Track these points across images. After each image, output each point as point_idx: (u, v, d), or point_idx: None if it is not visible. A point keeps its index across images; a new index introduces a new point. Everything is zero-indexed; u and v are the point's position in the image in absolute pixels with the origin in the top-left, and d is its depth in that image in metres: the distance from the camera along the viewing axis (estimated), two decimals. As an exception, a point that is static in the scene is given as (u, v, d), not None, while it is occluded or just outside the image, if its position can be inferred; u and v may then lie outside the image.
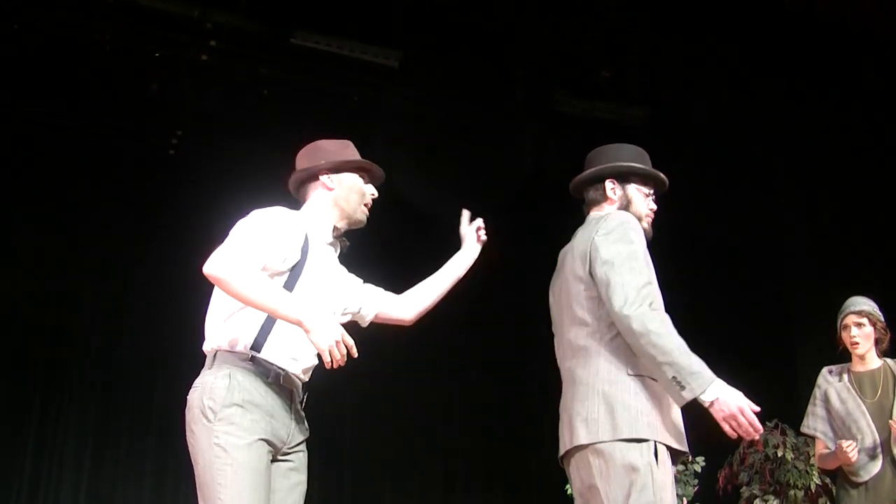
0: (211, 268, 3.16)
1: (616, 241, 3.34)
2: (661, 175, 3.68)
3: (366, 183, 3.64)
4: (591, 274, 3.35)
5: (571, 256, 3.47)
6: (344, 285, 3.66)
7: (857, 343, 5.05)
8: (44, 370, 8.13)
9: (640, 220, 3.52)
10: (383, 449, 9.22)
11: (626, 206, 3.59)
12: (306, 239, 3.41)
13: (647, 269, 3.32)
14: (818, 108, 8.61)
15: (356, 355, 3.11)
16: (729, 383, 3.19)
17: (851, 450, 4.81)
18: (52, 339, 8.25)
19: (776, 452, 7.42)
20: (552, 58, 8.52)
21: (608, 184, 3.62)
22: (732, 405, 3.12)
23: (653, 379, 3.24)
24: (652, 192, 3.68)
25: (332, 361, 3.07)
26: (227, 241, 3.27)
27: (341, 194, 3.57)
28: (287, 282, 3.34)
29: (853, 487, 4.95)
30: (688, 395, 3.10)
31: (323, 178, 3.57)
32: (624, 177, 3.63)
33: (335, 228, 3.57)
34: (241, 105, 8.20)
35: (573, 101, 8.73)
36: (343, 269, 3.70)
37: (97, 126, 8.10)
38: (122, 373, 8.32)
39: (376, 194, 3.66)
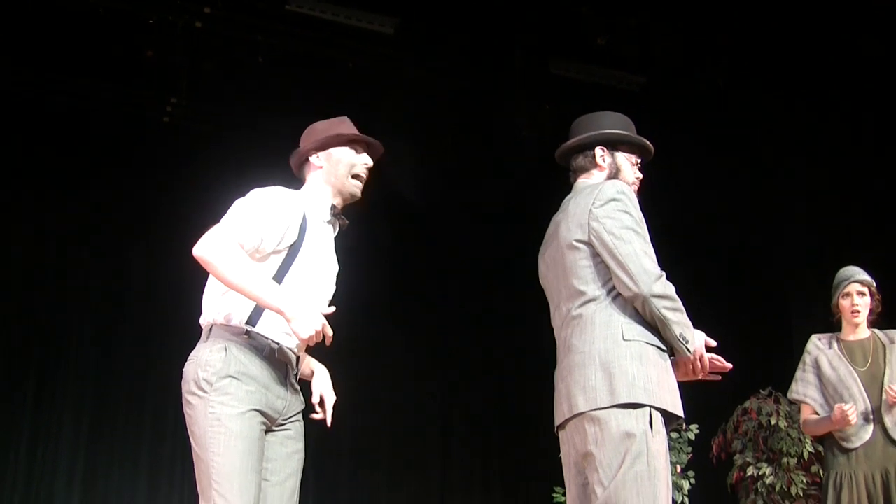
0: (199, 250, 3.21)
1: (617, 210, 3.36)
2: (649, 143, 3.70)
3: (358, 153, 3.63)
4: (589, 243, 3.36)
5: (566, 225, 3.46)
6: (334, 274, 3.67)
7: (858, 311, 5.12)
8: (39, 351, 8.11)
9: None
10: (379, 450, 9.26)
11: (615, 173, 3.61)
12: (304, 218, 3.43)
13: (643, 232, 3.38)
14: (817, 79, 8.58)
15: (329, 344, 3.20)
16: (726, 354, 3.33)
17: (852, 412, 4.85)
18: (45, 312, 8.21)
19: (770, 420, 7.46)
20: (548, 23, 8.48)
21: (598, 151, 3.63)
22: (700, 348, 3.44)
23: (649, 344, 3.28)
24: (639, 160, 3.69)
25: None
26: (221, 221, 3.30)
27: (329, 170, 3.58)
28: (284, 261, 3.37)
29: (843, 453, 5.01)
30: (690, 348, 3.32)
31: (312, 158, 3.60)
32: (613, 144, 3.64)
33: (333, 207, 3.58)
34: (236, 72, 8.16)
35: (569, 66, 8.69)
36: (335, 256, 3.70)
37: (91, 93, 8.05)
38: (119, 348, 8.31)
39: (370, 163, 3.66)
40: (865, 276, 5.15)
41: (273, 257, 3.36)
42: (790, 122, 9.01)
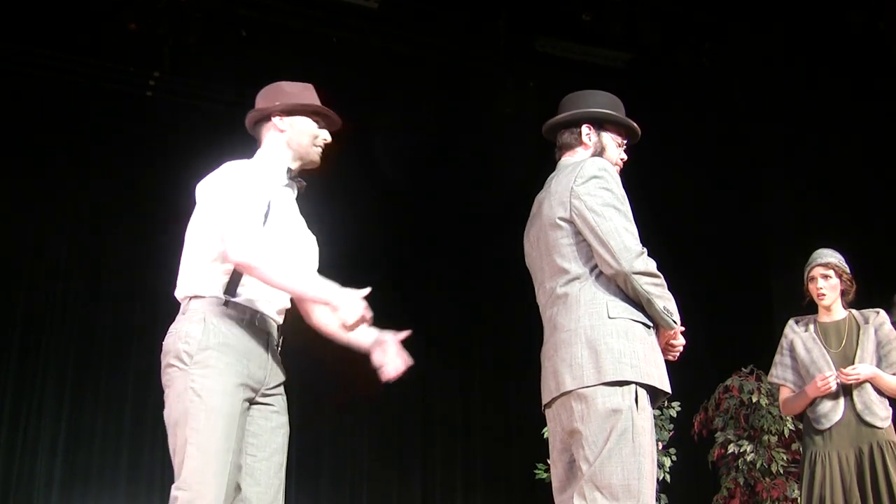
0: (241, 257, 3.20)
1: (598, 187, 3.35)
2: (636, 126, 3.69)
3: (320, 128, 3.61)
4: (571, 221, 3.36)
5: (548, 204, 3.46)
6: (306, 238, 3.66)
7: (823, 294, 5.16)
8: (22, 311, 8.09)
9: None
10: (362, 453, 9.26)
11: (599, 152, 3.59)
12: (268, 185, 3.42)
13: (626, 208, 3.37)
14: (802, 58, 8.59)
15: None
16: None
17: (833, 379, 4.92)
18: (29, 281, 8.20)
19: (751, 398, 7.48)
20: (534, 0, 8.46)
21: (584, 129, 3.61)
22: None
23: (635, 321, 3.29)
24: (625, 142, 3.68)
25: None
26: (229, 217, 3.26)
27: (293, 136, 3.56)
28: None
29: (817, 434, 5.06)
30: (674, 322, 3.34)
31: (275, 119, 3.56)
32: (599, 123, 3.62)
33: (289, 170, 3.56)
34: (220, 46, 8.12)
35: (554, 43, 8.67)
36: (301, 218, 3.68)
37: (74, 65, 8.00)
38: (100, 314, 8.29)
39: (329, 139, 3.64)
40: (830, 259, 5.17)
41: None
42: (774, 102, 9.01)
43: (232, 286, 3.29)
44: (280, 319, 3.47)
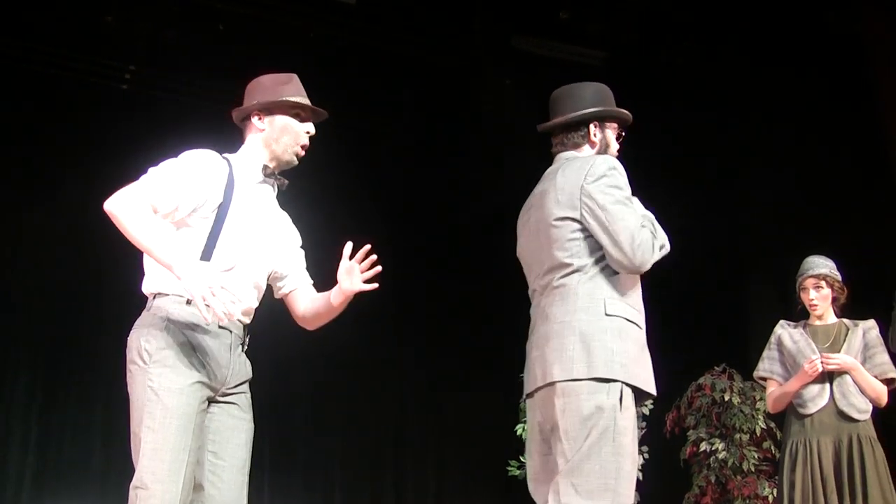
0: (109, 204, 3.22)
1: (609, 186, 3.37)
2: (631, 117, 3.72)
3: (302, 121, 3.56)
4: (579, 219, 3.37)
5: (553, 198, 3.44)
6: (281, 237, 3.62)
7: (815, 305, 5.29)
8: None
9: None
10: (335, 450, 9.24)
11: (604, 148, 3.63)
12: (231, 180, 3.39)
13: (636, 207, 3.44)
14: (779, 58, 8.62)
15: (232, 315, 3.09)
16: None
17: (818, 361, 5.02)
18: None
19: (723, 396, 7.52)
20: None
21: (592, 128, 3.63)
22: None
23: (630, 321, 3.30)
24: (620, 132, 3.72)
25: (209, 312, 3.06)
26: (140, 179, 3.29)
27: (271, 135, 3.52)
28: (214, 223, 3.33)
29: (799, 420, 5.16)
30: None
31: (254, 118, 3.54)
32: (602, 119, 3.65)
33: (265, 167, 3.52)
34: (196, 40, 8.08)
35: (532, 41, 8.69)
36: (285, 216, 3.67)
37: (49, 58, 7.95)
38: (71, 307, 8.23)
39: (312, 132, 3.59)
40: (822, 269, 5.24)
41: (201, 222, 3.32)
42: (751, 104, 9.05)
43: None
44: (246, 319, 3.45)
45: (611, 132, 3.66)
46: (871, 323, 5.29)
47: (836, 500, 4.91)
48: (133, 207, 3.18)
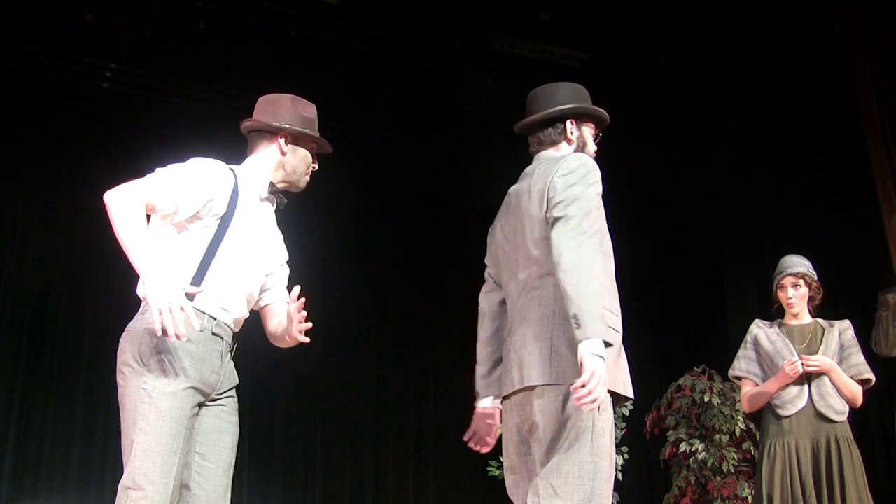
0: (107, 194, 3.26)
1: (576, 181, 3.33)
2: (608, 117, 3.72)
3: (314, 155, 3.71)
4: (548, 215, 3.33)
5: (528, 197, 3.43)
6: (273, 251, 3.69)
7: (792, 304, 5.30)
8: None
9: None
10: (314, 451, 9.21)
11: (582, 146, 3.62)
12: (235, 192, 3.44)
13: (599, 212, 3.35)
14: (758, 58, 8.66)
15: (183, 335, 3.10)
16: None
17: (798, 364, 5.02)
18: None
19: (703, 397, 7.55)
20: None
21: (568, 125, 3.62)
22: (600, 372, 3.05)
23: (608, 326, 3.19)
24: (597, 132, 3.72)
25: (162, 325, 3.07)
26: (145, 177, 3.33)
27: (291, 161, 3.64)
28: (216, 234, 3.38)
29: (777, 421, 5.16)
30: (579, 336, 3.06)
31: (280, 140, 3.62)
32: (579, 117, 3.65)
33: (272, 185, 3.61)
34: (177, 39, 8.05)
35: (512, 41, 8.70)
36: (278, 232, 3.73)
37: (28, 56, 7.90)
38: (51, 305, 8.19)
39: (317, 167, 3.73)
40: (800, 268, 5.27)
41: (203, 230, 3.38)
42: (730, 104, 9.09)
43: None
44: (236, 328, 3.52)
45: (588, 130, 3.65)
46: (847, 323, 5.32)
47: (815, 502, 4.94)
48: (127, 203, 3.23)
